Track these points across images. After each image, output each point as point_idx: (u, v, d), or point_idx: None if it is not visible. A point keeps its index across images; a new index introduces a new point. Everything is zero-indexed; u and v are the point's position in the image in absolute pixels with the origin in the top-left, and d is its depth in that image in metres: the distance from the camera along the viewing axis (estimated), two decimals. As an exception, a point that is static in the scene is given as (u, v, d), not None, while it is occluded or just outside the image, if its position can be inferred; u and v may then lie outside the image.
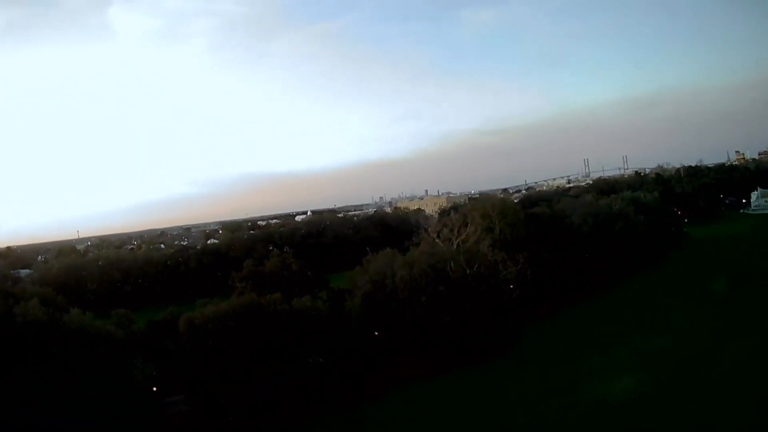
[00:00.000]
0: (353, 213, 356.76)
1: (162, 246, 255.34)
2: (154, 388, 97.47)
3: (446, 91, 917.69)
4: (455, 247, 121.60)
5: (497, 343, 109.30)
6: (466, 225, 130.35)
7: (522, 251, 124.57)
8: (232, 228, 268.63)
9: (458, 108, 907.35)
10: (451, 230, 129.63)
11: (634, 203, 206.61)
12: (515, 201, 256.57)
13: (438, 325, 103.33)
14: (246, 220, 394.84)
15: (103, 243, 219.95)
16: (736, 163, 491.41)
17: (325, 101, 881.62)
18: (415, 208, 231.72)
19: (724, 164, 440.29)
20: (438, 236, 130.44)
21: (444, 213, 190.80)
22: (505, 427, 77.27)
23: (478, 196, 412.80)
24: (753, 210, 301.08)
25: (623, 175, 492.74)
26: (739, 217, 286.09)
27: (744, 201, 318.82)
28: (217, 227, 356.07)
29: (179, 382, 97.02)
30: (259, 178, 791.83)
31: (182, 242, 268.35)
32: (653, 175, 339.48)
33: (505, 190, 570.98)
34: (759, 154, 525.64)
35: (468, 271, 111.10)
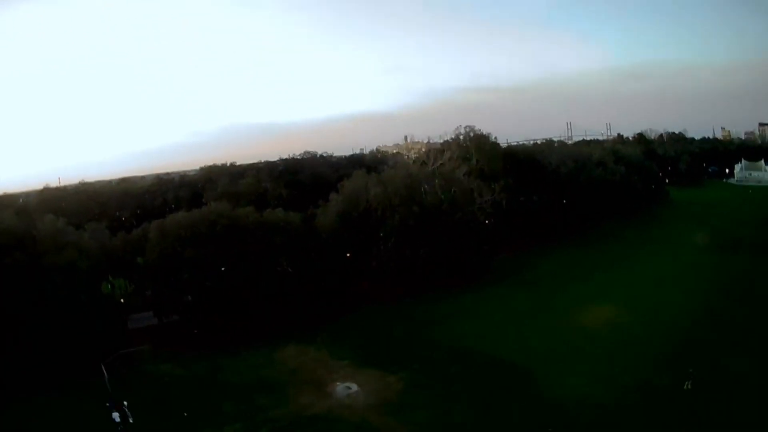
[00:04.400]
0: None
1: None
2: (122, 300, 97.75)
3: (433, 45, 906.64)
4: (431, 171, 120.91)
5: (472, 269, 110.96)
6: (443, 152, 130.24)
7: (498, 181, 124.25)
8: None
9: (444, 64, 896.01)
10: (428, 155, 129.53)
11: (615, 154, 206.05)
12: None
13: (411, 247, 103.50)
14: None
15: (83, 186, 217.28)
16: (722, 138, 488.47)
17: (310, 52, 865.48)
18: (395, 152, 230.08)
19: (708, 138, 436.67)
20: (414, 162, 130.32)
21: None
22: (480, 348, 77.22)
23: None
24: (737, 181, 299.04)
25: (607, 139, 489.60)
26: (721, 186, 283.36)
27: (728, 171, 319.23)
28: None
29: (148, 297, 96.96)
30: (243, 128, 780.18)
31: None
32: (636, 137, 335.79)
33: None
34: (745, 134, 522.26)
35: (443, 197, 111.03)
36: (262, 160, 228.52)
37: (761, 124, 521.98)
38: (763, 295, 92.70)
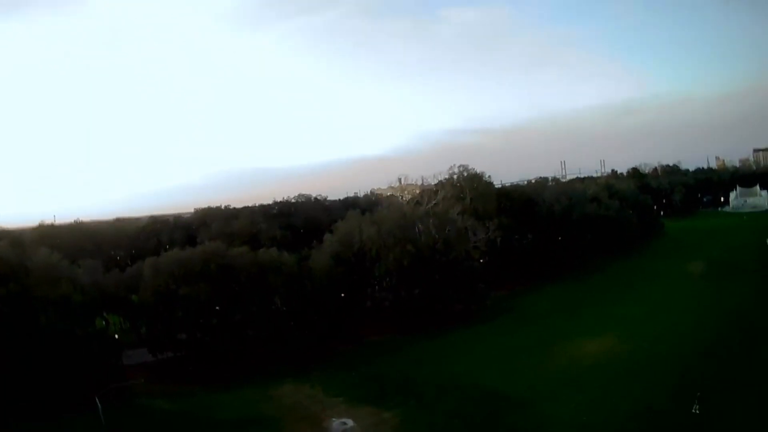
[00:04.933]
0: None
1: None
2: (116, 336, 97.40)
3: (425, 90, 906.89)
4: (425, 211, 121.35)
5: (466, 307, 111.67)
6: (437, 193, 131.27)
7: (492, 220, 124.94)
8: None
9: (437, 108, 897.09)
10: (422, 196, 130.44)
11: (609, 190, 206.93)
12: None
13: (406, 287, 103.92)
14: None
15: (78, 225, 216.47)
16: (716, 168, 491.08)
17: (304, 98, 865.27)
18: (389, 194, 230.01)
19: (703, 168, 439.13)
20: (408, 203, 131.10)
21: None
22: (475, 383, 76.61)
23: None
24: (732, 209, 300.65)
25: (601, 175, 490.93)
26: (716, 215, 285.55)
27: (722, 200, 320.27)
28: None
29: (143, 334, 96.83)
30: (238, 173, 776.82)
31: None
32: (630, 172, 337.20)
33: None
34: (740, 161, 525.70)
35: (437, 237, 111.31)
36: (257, 204, 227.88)
37: (756, 150, 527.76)
38: (761, 321, 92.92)
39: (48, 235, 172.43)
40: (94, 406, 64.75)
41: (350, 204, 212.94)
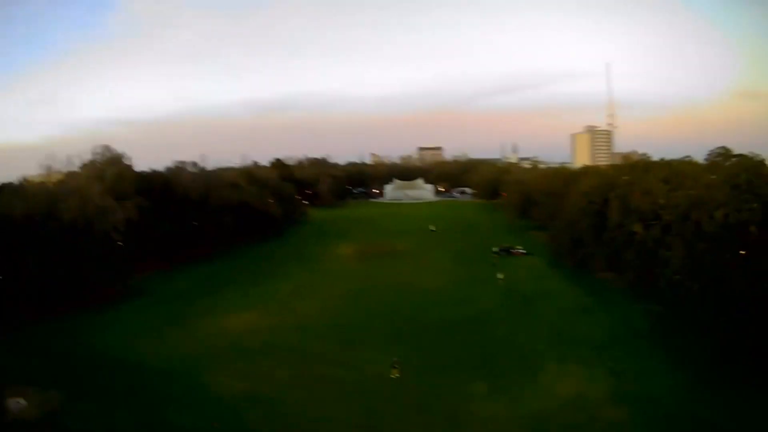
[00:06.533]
0: None
1: None
2: None
3: (77, 77, 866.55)
4: (67, 190, 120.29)
5: (106, 287, 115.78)
6: (80, 175, 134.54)
7: (131, 201, 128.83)
8: None
9: (89, 96, 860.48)
10: (67, 178, 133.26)
11: (249, 176, 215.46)
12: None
13: (47, 265, 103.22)
14: None
15: None
16: (372, 162, 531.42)
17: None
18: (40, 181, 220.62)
19: (356, 162, 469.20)
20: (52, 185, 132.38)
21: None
22: (123, 358, 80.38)
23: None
24: (389, 200, 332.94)
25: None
26: (367, 205, 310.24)
27: (377, 191, 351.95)
28: None
29: None
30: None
31: None
32: (273, 162, 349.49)
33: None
34: (401, 158, 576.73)
35: (78, 215, 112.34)
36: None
37: (421, 149, 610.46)
38: (389, 295, 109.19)
39: None
40: None
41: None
